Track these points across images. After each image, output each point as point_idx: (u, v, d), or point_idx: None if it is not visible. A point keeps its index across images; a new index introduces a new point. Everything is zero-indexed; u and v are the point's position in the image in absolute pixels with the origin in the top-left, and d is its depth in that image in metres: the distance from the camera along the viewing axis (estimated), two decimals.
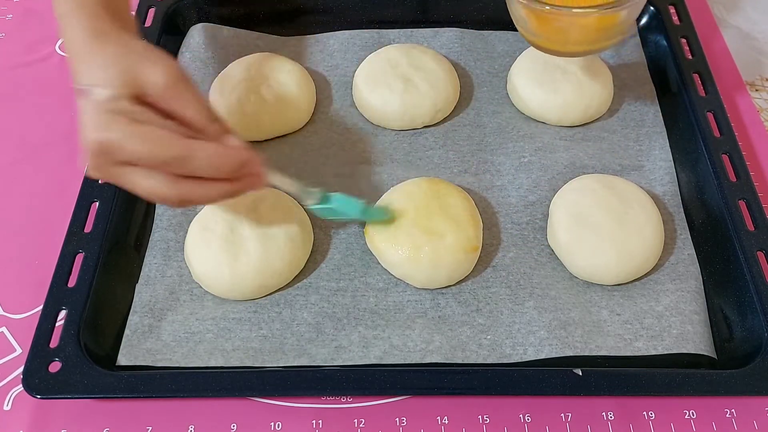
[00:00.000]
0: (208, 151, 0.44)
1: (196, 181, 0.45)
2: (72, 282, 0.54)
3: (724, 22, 0.81)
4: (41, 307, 0.53)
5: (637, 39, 0.74)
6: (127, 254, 0.59)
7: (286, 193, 0.56)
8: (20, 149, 0.68)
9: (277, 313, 0.55)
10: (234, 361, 0.52)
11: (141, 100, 0.45)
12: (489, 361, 0.52)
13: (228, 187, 0.47)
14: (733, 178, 0.60)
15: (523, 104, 0.68)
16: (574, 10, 0.55)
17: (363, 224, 0.59)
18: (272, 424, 0.51)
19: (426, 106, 0.66)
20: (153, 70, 0.45)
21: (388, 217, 0.57)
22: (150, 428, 0.51)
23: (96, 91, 0.44)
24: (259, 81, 0.66)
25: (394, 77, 0.67)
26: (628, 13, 0.55)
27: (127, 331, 0.54)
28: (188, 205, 0.48)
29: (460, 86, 0.70)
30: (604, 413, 0.52)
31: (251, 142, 0.66)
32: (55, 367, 0.50)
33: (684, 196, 0.62)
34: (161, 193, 0.45)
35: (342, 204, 0.56)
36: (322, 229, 0.60)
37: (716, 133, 0.63)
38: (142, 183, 0.45)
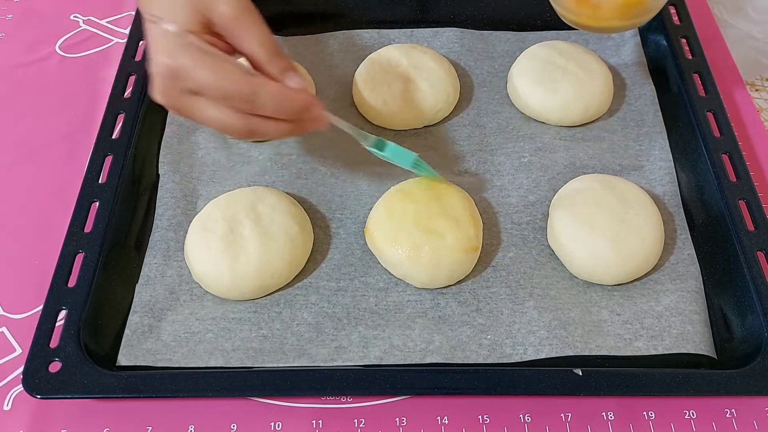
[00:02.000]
0: (272, 94, 0.46)
1: (261, 117, 0.47)
2: (72, 282, 0.54)
3: (724, 22, 0.81)
4: (41, 307, 0.53)
5: (637, 39, 0.74)
6: (127, 254, 0.59)
7: (344, 131, 0.57)
8: (20, 149, 0.68)
9: (277, 313, 0.55)
10: (234, 361, 0.52)
11: (209, 31, 0.47)
12: (489, 361, 0.52)
13: (291, 127, 0.49)
14: (733, 178, 0.60)
15: (523, 104, 0.68)
16: None
17: (363, 224, 0.60)
18: (272, 424, 0.51)
19: (426, 106, 0.66)
20: (222, 1, 0.46)
21: (437, 177, 0.59)
22: (150, 428, 0.51)
23: (165, 24, 0.45)
24: None
25: (394, 77, 0.67)
26: None
27: (127, 331, 0.54)
28: (254, 137, 0.50)
29: (460, 86, 0.69)
30: (604, 413, 0.52)
31: (252, 142, 0.66)
32: (55, 367, 0.50)
33: (684, 196, 0.62)
34: (229, 124, 0.47)
35: (395, 154, 0.57)
36: (322, 229, 0.60)
37: (716, 133, 0.63)
38: (209, 113, 0.46)
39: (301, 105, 0.48)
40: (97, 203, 0.59)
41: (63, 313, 0.53)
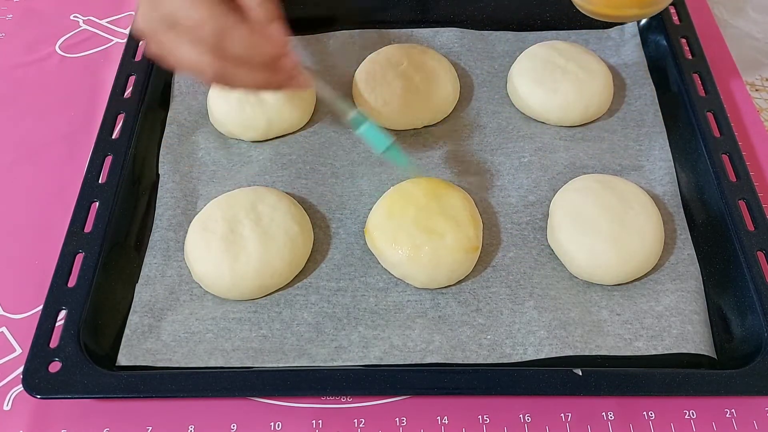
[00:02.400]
0: (242, 35, 0.45)
1: (236, 62, 0.45)
2: (72, 282, 0.54)
3: (724, 22, 0.81)
4: (41, 307, 0.53)
5: (637, 39, 0.74)
6: (127, 254, 0.59)
7: (325, 99, 0.55)
8: (20, 149, 0.68)
9: (277, 313, 0.55)
10: (234, 361, 0.52)
11: None
12: (489, 361, 0.52)
13: (265, 78, 0.47)
14: (733, 178, 0.60)
15: (523, 104, 0.68)
16: None
17: (363, 224, 0.60)
18: (272, 424, 0.51)
19: (426, 106, 0.66)
20: None
21: (407, 166, 0.58)
22: (150, 428, 0.51)
23: None
24: None
25: (394, 77, 0.67)
26: None
27: (127, 331, 0.54)
28: (225, 84, 0.47)
29: (460, 86, 0.70)
30: (604, 413, 0.52)
31: (252, 142, 0.66)
32: (55, 367, 0.50)
33: (684, 196, 0.62)
34: (199, 65, 0.45)
35: (369, 134, 0.56)
36: (322, 229, 0.60)
37: (716, 133, 0.63)
38: (182, 51, 0.45)
39: (272, 50, 0.46)
40: (97, 203, 0.59)
41: (63, 313, 0.53)
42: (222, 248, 0.55)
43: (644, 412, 0.52)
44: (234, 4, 0.46)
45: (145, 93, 0.67)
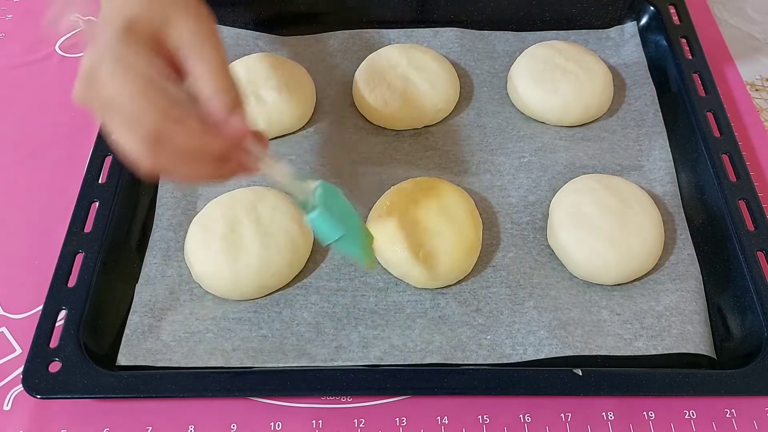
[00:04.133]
0: (190, 127, 0.40)
1: (179, 157, 0.40)
2: (72, 282, 0.54)
3: (724, 22, 0.81)
4: (41, 307, 0.53)
5: (637, 39, 0.74)
6: (127, 254, 0.59)
7: (279, 183, 0.47)
8: (20, 149, 0.68)
9: (277, 313, 0.55)
10: (234, 361, 0.52)
11: (156, 41, 0.41)
12: (489, 361, 0.52)
13: (211, 170, 0.42)
14: (733, 178, 0.60)
15: (523, 104, 0.68)
16: None
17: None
18: (272, 424, 0.51)
19: (426, 106, 0.66)
20: (184, 19, 0.41)
21: (360, 260, 0.51)
22: (150, 428, 0.51)
23: (119, 16, 0.40)
24: (259, 81, 0.66)
25: (394, 77, 0.67)
26: None
27: (126, 331, 0.54)
28: (164, 177, 0.43)
29: (460, 86, 0.70)
30: (604, 413, 0.52)
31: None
32: (55, 367, 0.50)
33: (684, 196, 0.62)
34: (135, 154, 0.40)
35: (317, 223, 0.47)
36: None
37: (716, 133, 0.63)
38: (118, 136, 0.40)
39: (223, 147, 0.41)
40: (97, 203, 0.59)
41: (63, 313, 0.53)
42: (222, 248, 0.55)
43: (644, 412, 0.52)
44: (191, 90, 0.42)
45: None
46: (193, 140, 0.40)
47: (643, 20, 0.74)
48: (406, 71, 0.67)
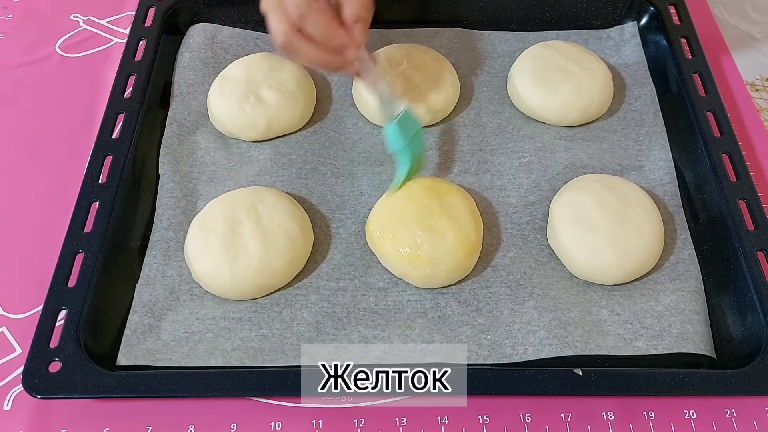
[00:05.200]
0: (322, 18, 0.52)
1: (307, 39, 0.53)
2: (72, 282, 0.54)
3: (724, 22, 0.81)
4: (41, 307, 0.53)
5: (637, 39, 0.74)
6: (127, 254, 0.59)
7: (377, 95, 0.59)
8: (20, 149, 0.68)
9: (277, 313, 0.55)
10: (234, 361, 0.52)
11: None
12: (489, 361, 0.52)
13: (326, 57, 0.54)
14: (733, 178, 0.60)
15: (523, 104, 0.68)
16: None
17: (363, 223, 0.60)
18: (272, 424, 0.51)
19: (426, 106, 0.66)
20: None
21: (405, 174, 0.59)
22: (150, 428, 0.51)
23: None
24: (259, 81, 0.66)
25: (394, 77, 0.67)
26: None
27: (127, 331, 0.54)
28: (290, 54, 0.54)
29: (460, 86, 0.70)
30: (604, 413, 0.52)
31: (252, 142, 0.66)
32: (55, 367, 0.50)
33: (684, 196, 0.62)
34: (274, 30, 0.52)
35: (389, 132, 0.59)
36: (322, 229, 0.60)
37: (716, 133, 0.63)
38: (269, 18, 0.53)
39: (341, 42, 0.53)
40: (97, 203, 0.59)
41: (63, 313, 0.53)
42: (222, 248, 0.55)
43: (644, 412, 0.52)
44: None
45: (145, 93, 0.67)
46: (324, 28, 0.52)
47: (643, 20, 0.74)
48: (406, 71, 0.67)
